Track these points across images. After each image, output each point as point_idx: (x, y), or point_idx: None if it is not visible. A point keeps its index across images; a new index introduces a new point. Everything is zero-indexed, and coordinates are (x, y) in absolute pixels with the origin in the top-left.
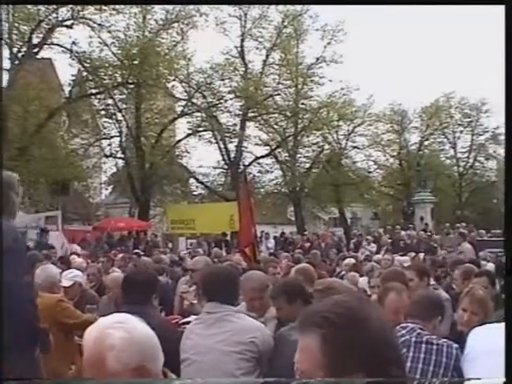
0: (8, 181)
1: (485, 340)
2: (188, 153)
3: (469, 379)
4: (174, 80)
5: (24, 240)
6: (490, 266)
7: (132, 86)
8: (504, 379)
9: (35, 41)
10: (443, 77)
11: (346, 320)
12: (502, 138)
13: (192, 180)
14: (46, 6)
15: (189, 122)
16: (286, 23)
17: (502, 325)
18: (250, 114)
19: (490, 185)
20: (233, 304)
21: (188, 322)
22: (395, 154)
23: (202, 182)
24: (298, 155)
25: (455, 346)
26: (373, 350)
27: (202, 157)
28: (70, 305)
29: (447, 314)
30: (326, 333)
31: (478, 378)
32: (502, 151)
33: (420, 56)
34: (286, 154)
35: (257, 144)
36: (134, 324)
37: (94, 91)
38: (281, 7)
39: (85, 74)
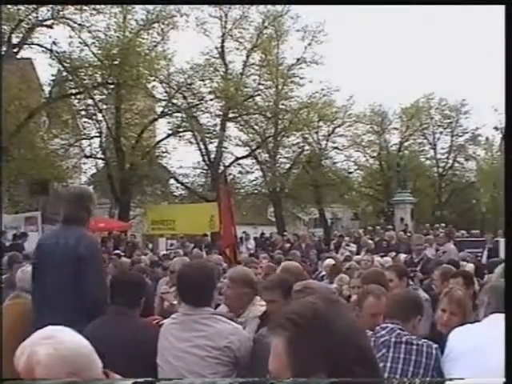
0: (87, 194)
1: (465, 340)
2: (168, 153)
3: (451, 379)
4: (154, 80)
5: (97, 247)
6: (470, 267)
7: (112, 86)
8: (504, 379)
9: (15, 40)
10: (423, 78)
11: (310, 322)
12: (481, 139)
13: (172, 180)
14: (25, 5)
15: (169, 123)
16: (266, 24)
17: (481, 325)
18: (231, 115)
19: (469, 185)
20: (209, 305)
21: None
22: (375, 154)
23: (182, 183)
24: (278, 156)
25: (435, 346)
26: (336, 351)
27: (182, 157)
28: None
29: (427, 314)
30: (291, 334)
31: (462, 378)
32: (481, 152)
33: (400, 57)
34: (266, 155)
35: (237, 145)
36: (61, 338)
37: (74, 91)
38: (261, 8)
39: (65, 74)
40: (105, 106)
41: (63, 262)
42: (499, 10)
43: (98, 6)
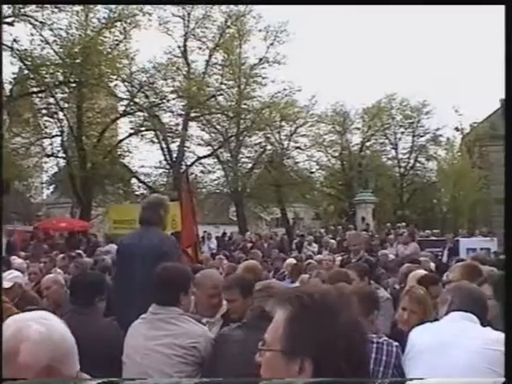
0: (164, 202)
1: (426, 338)
2: (130, 152)
3: (412, 379)
4: (116, 79)
5: (177, 245)
6: (431, 266)
7: (74, 84)
8: (504, 379)
9: None
10: (385, 78)
11: (316, 305)
12: (442, 139)
13: (134, 180)
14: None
15: (131, 122)
16: (229, 23)
17: (442, 323)
18: (193, 114)
19: (430, 185)
20: (176, 305)
21: None
22: (337, 154)
23: (143, 182)
24: (240, 155)
25: (395, 344)
26: (330, 341)
27: (144, 156)
28: (12, 306)
29: (388, 313)
30: (294, 311)
31: (428, 378)
32: (441, 152)
33: (362, 57)
34: (228, 155)
35: (199, 144)
36: (53, 322)
37: (35, 90)
38: (224, 7)
39: (26, 72)
40: (66, 105)
41: (149, 258)
42: (499, 10)
43: (59, 4)
